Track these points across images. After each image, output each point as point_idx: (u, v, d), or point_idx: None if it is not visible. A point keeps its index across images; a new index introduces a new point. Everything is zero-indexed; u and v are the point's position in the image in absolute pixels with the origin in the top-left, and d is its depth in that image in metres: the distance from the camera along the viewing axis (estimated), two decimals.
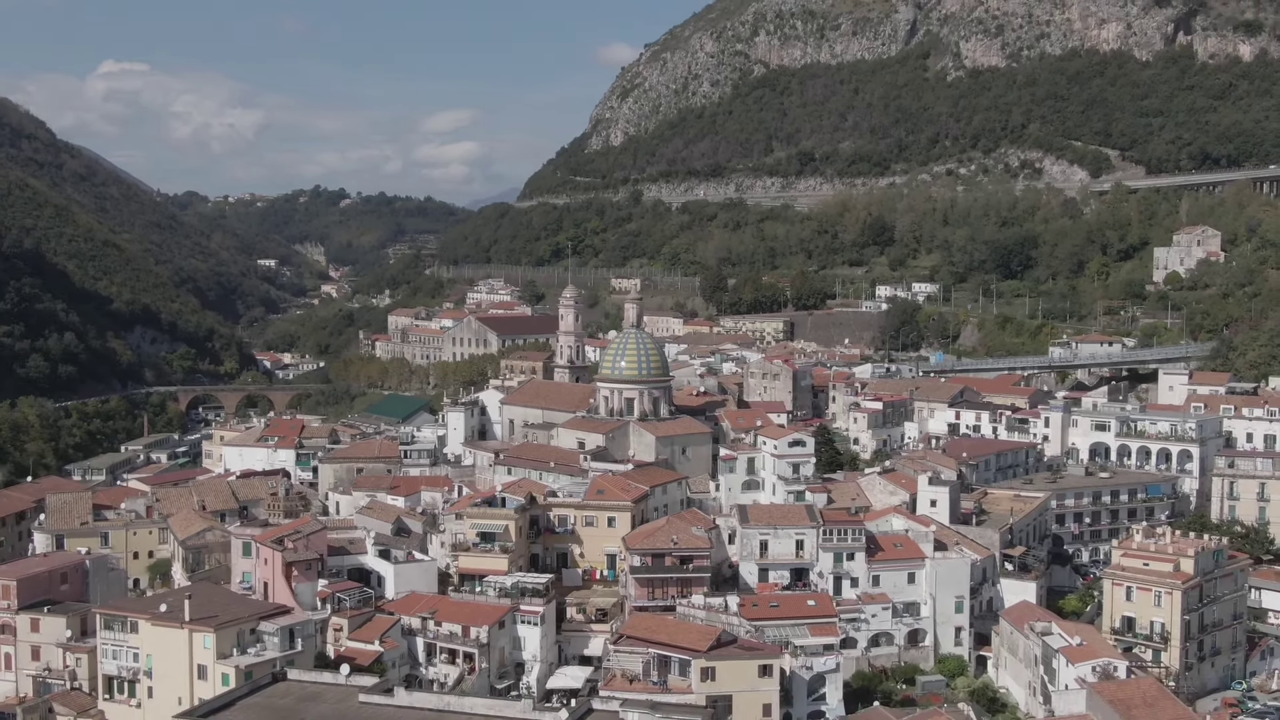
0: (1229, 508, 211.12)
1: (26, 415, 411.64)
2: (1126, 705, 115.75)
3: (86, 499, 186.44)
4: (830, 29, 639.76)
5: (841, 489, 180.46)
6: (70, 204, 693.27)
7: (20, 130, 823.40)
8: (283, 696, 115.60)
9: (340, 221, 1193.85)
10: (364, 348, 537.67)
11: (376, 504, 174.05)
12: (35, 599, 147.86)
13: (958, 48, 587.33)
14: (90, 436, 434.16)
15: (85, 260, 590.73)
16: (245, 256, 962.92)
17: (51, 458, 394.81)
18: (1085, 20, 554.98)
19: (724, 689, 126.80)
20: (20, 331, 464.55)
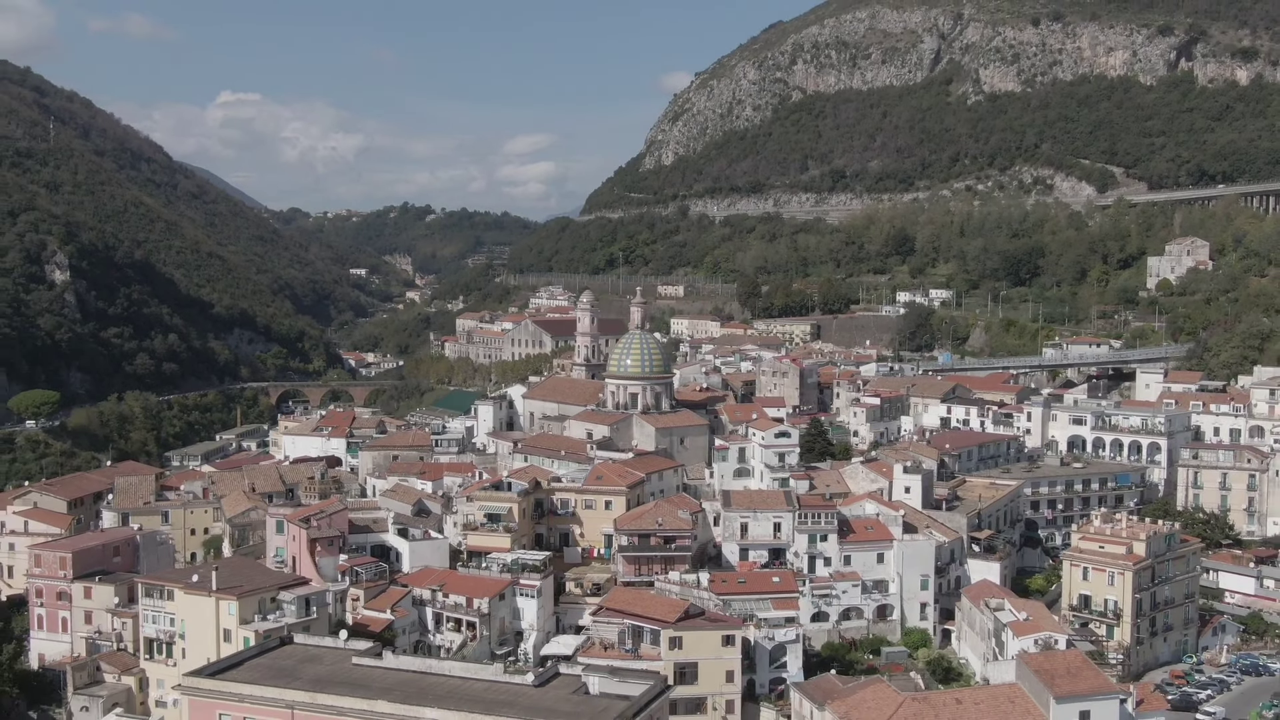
0: (1193, 496, 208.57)
1: (132, 407, 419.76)
2: (1050, 675, 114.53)
3: (150, 481, 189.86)
4: (861, 58, 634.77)
5: (823, 476, 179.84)
6: (181, 219, 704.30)
7: (140, 154, 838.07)
8: (287, 658, 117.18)
9: (426, 234, 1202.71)
10: (434, 348, 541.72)
11: (400, 487, 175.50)
12: (89, 569, 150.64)
13: (977, 74, 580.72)
14: (189, 427, 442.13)
15: (191, 269, 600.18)
16: (339, 266, 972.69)
17: (153, 445, 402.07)
18: (1094, 48, 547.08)
19: (690, 657, 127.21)
20: (129, 333, 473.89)
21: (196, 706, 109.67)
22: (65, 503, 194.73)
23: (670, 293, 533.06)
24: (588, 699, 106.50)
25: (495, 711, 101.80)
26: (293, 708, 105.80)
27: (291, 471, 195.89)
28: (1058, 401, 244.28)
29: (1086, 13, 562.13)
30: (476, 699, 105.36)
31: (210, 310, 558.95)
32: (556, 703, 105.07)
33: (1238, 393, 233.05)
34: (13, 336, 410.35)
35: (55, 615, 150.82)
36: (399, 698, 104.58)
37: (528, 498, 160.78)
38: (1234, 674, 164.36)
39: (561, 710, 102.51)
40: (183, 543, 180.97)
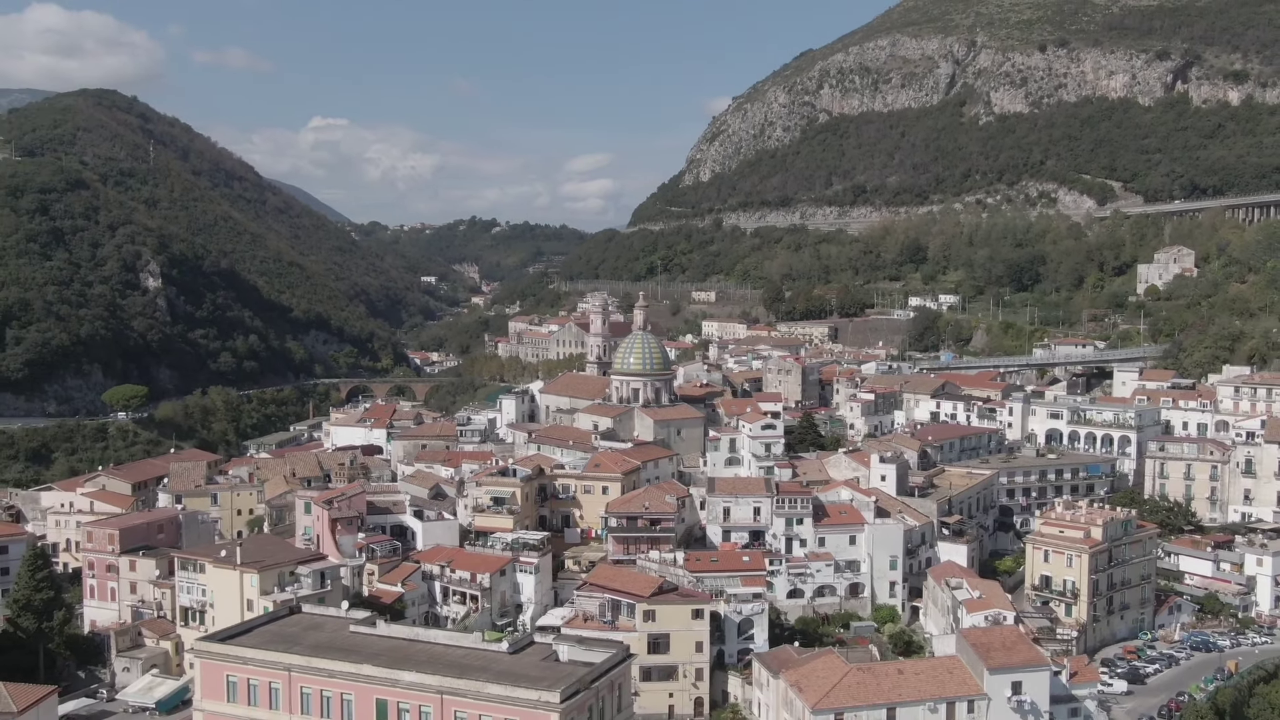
0: (1160, 485, 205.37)
1: (215, 401, 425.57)
2: (986, 648, 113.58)
3: (201, 467, 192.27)
4: (883, 82, 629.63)
5: (807, 465, 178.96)
6: (267, 232, 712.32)
7: (233, 173, 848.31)
8: (293, 625, 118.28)
9: (491, 245, 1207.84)
10: (489, 348, 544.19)
11: (420, 473, 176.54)
12: (135, 545, 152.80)
13: (989, 97, 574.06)
14: (266, 419, 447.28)
15: (273, 277, 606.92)
16: (411, 274, 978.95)
17: (233, 435, 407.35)
18: (1096, 72, 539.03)
19: (663, 628, 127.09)
20: (214, 334, 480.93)
21: (207, 668, 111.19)
22: (130, 485, 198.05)
23: (703, 298, 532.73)
24: (555, 665, 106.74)
25: (468, 675, 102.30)
26: (290, 670, 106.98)
27: (329, 458, 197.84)
28: (1038, 398, 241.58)
29: (1090, 39, 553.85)
30: (453, 664, 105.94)
31: (289, 314, 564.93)
32: (525, 668, 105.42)
33: (1206, 390, 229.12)
34: (109, 337, 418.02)
35: (105, 585, 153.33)
36: (384, 662, 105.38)
37: (531, 483, 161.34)
38: (1184, 650, 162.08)
39: (528, 674, 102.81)
40: (230, 522, 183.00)
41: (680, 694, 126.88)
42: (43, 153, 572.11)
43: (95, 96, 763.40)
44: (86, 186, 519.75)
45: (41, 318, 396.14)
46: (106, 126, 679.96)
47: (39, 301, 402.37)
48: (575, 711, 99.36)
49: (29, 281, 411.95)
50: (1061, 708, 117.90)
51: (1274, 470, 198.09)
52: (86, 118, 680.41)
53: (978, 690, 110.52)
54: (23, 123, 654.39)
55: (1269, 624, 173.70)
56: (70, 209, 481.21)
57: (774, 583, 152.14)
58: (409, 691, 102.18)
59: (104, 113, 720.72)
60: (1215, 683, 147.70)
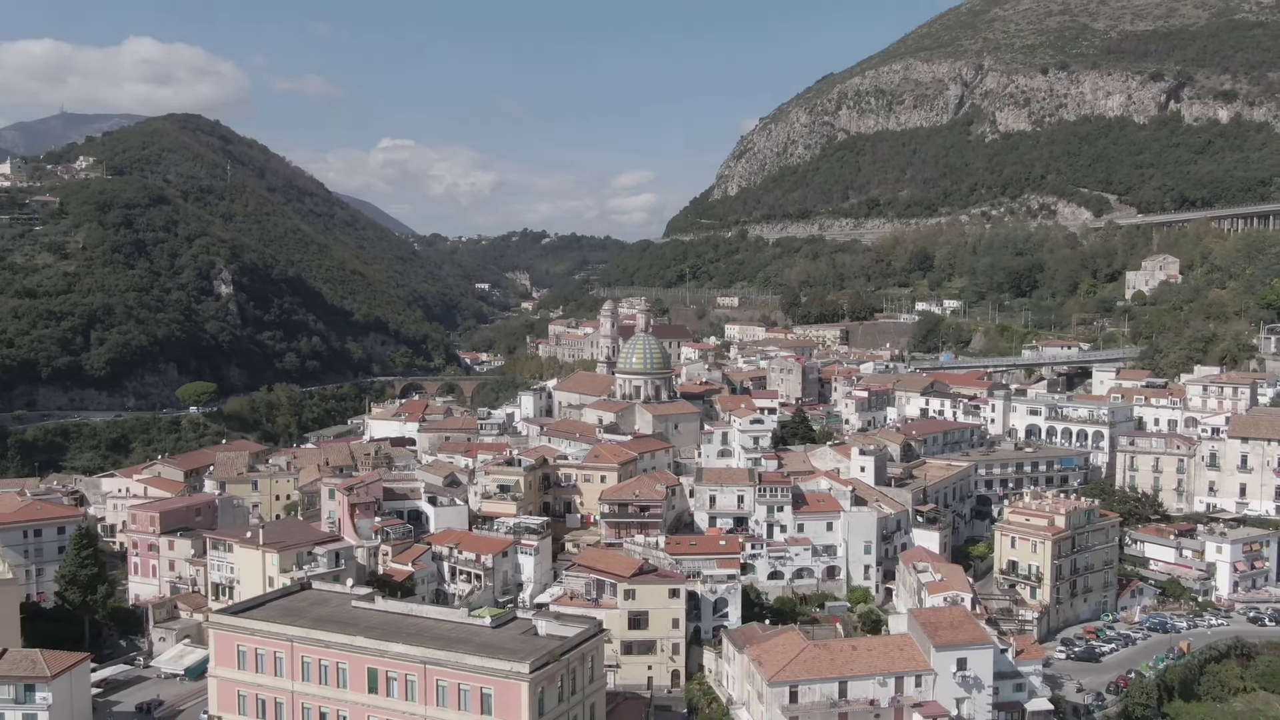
0: (1130, 477, 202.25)
1: (279, 397, 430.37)
2: (934, 627, 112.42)
3: (243, 457, 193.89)
4: (896, 104, 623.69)
5: (792, 457, 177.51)
6: (333, 243, 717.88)
7: (305, 190, 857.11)
8: (302, 600, 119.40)
9: (541, 255, 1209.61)
10: (530, 349, 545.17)
11: (437, 463, 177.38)
12: (174, 526, 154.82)
13: (994, 116, 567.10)
14: (326, 413, 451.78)
15: (337, 284, 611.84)
16: (466, 281, 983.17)
17: (295, 428, 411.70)
18: (1095, 93, 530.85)
19: (642, 606, 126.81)
20: (280, 335, 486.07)
21: (220, 638, 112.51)
22: (182, 473, 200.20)
23: (727, 303, 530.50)
24: (532, 638, 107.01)
25: (450, 647, 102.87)
26: (292, 641, 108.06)
27: (359, 449, 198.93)
28: (1021, 395, 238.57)
29: (1089, 62, 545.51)
30: (439, 636, 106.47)
31: (350, 317, 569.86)
32: (504, 640, 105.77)
33: (1177, 389, 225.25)
34: (183, 338, 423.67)
35: (147, 563, 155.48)
36: (376, 634, 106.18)
37: (534, 472, 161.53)
38: (1141, 631, 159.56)
39: (504, 647, 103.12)
40: (269, 506, 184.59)
41: (658, 666, 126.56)
42: (131, 172, 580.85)
43: (180, 120, 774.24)
44: (168, 202, 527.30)
45: (123, 321, 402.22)
46: (189, 148, 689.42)
47: (121, 306, 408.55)
48: (544, 681, 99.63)
49: (112, 288, 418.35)
50: (1007, 683, 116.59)
51: (1236, 464, 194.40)
52: (172, 140, 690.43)
53: (925, 666, 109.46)
54: (115, 145, 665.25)
55: (1227, 607, 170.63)
56: (152, 222, 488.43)
57: (755, 565, 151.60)
58: (396, 661, 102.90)
59: (188, 135, 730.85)
60: (1165, 661, 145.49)
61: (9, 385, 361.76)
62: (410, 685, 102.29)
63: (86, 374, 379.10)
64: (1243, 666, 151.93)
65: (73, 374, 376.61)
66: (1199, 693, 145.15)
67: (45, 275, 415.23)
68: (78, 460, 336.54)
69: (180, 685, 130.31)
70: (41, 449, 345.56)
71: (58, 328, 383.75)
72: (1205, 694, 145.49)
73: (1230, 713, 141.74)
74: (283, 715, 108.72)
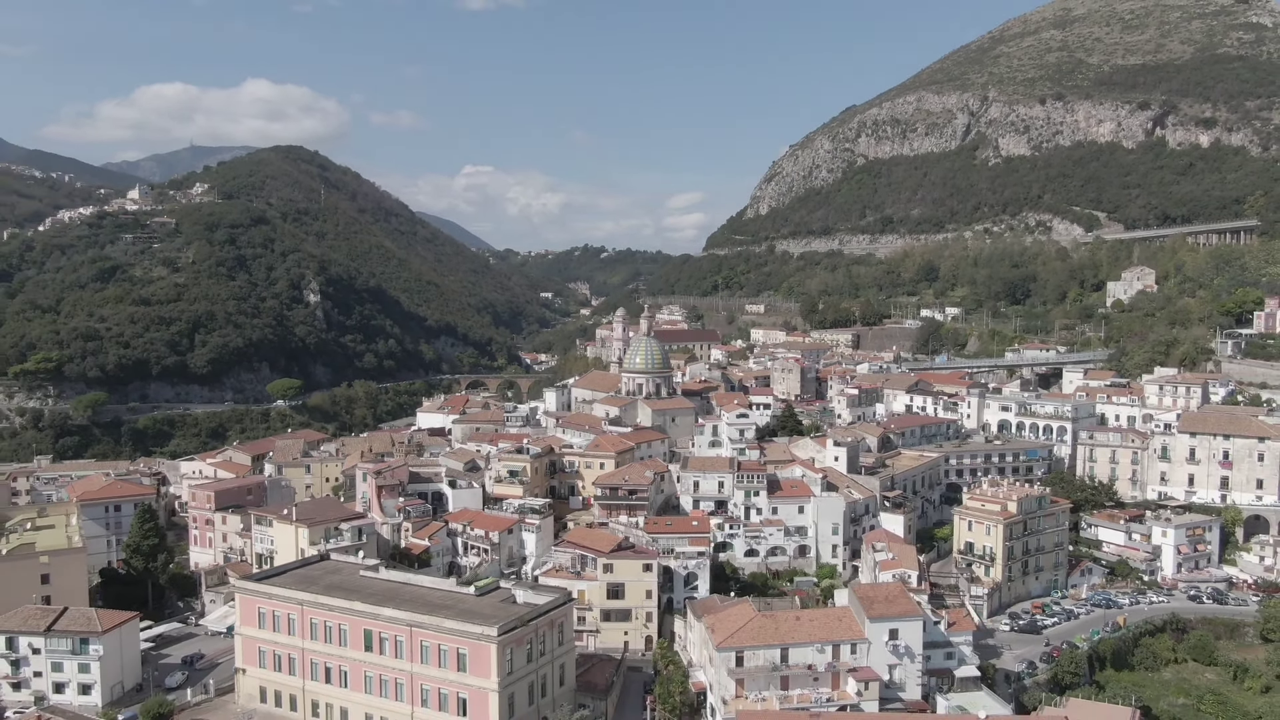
0: (1089, 468, 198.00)
1: (358, 392, 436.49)
2: (870, 601, 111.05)
3: (299, 444, 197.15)
4: (910, 132, 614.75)
5: (774, 448, 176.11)
6: (412, 257, 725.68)
7: (391, 211, 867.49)
8: (318, 570, 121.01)
9: (599, 268, 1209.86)
10: (580, 350, 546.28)
11: (460, 450, 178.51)
12: (227, 504, 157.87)
13: (997, 142, 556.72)
14: (399, 406, 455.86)
15: (413, 293, 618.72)
16: (532, 290, 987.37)
17: (371, 420, 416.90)
18: (1088, 121, 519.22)
19: (619, 579, 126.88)
20: (360, 338, 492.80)
21: (244, 601, 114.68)
22: (250, 458, 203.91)
23: (754, 310, 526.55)
24: (510, 606, 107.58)
25: (434, 612, 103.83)
26: (302, 605, 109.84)
27: (400, 436, 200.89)
28: (996, 393, 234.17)
29: (1083, 93, 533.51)
30: (427, 602, 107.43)
31: (424, 322, 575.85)
32: (483, 607, 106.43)
33: (1137, 387, 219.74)
34: (275, 340, 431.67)
35: (205, 535, 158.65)
36: (373, 600, 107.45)
37: (541, 459, 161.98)
38: (1085, 606, 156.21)
39: (481, 612, 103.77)
40: (320, 487, 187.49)
41: (634, 632, 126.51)
42: (238, 196, 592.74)
43: (284, 151, 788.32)
44: (267, 222, 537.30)
45: (223, 325, 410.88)
46: (290, 175, 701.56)
47: (222, 313, 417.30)
48: (513, 643, 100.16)
49: (215, 297, 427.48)
50: (939, 651, 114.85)
51: (1185, 456, 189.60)
52: (275, 168, 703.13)
53: (860, 635, 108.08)
54: (226, 173, 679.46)
55: (1170, 586, 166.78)
56: (252, 240, 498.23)
57: (733, 544, 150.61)
58: (387, 624, 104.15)
59: (290, 164, 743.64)
60: (1100, 634, 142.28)
61: (124, 381, 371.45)
62: (400, 645, 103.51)
63: (191, 371, 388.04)
64: (1176, 640, 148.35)
65: (179, 371, 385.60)
66: (1133, 663, 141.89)
67: (158, 286, 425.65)
68: (182, 446, 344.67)
69: (223, 641, 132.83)
70: (151, 436, 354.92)
71: (167, 331, 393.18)
72: (1139, 664, 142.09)
73: (1159, 681, 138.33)
74: (295, 669, 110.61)
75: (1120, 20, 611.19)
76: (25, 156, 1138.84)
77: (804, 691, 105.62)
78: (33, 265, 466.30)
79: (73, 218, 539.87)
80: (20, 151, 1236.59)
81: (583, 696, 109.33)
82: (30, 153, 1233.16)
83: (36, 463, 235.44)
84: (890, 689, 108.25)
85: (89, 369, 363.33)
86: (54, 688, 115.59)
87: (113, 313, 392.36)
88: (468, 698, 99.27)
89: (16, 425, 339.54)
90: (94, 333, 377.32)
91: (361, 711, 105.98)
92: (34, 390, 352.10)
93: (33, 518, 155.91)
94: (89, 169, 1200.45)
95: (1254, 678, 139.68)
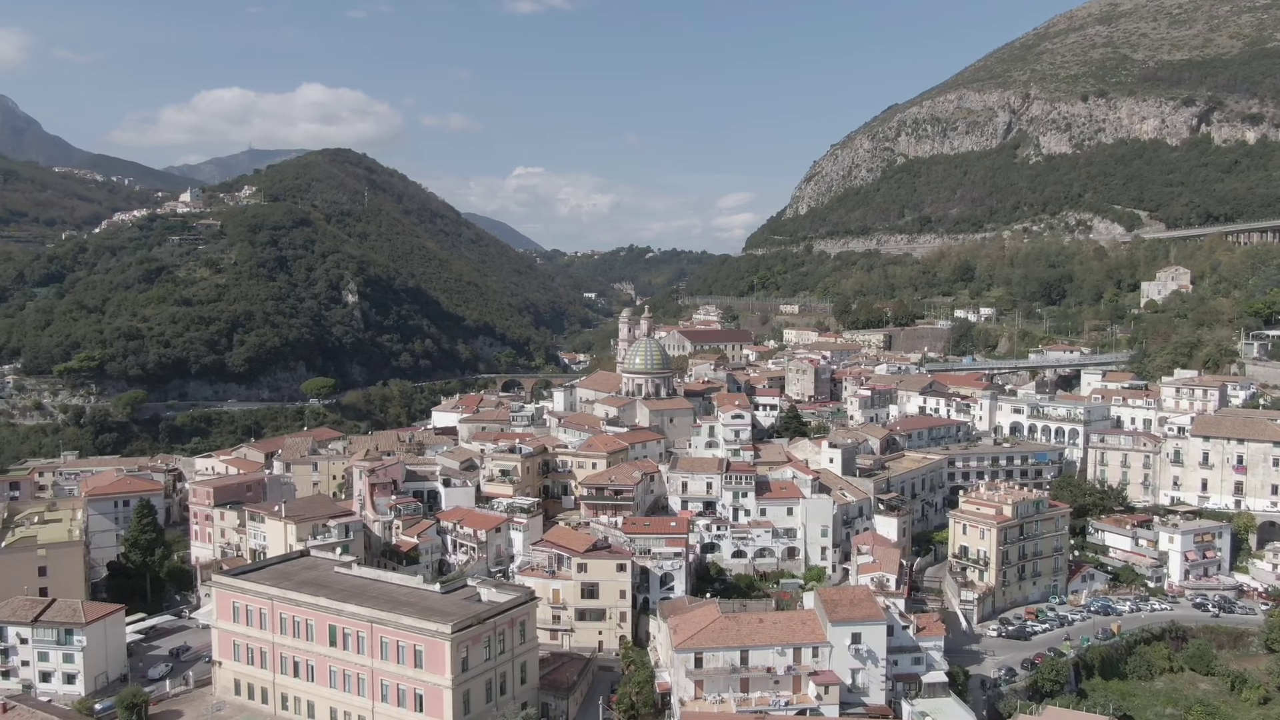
0: (1100, 471, 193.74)
1: (392, 391, 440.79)
2: (833, 604, 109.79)
3: (306, 442, 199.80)
4: (950, 130, 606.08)
5: (770, 449, 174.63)
6: (454, 258, 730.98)
7: (436, 212, 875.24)
8: (296, 566, 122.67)
9: (645, 268, 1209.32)
10: (613, 350, 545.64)
11: (458, 450, 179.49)
12: (227, 500, 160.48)
13: (1038, 141, 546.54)
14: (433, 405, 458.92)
15: (453, 293, 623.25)
16: (575, 291, 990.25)
17: (405, 418, 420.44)
18: (1131, 118, 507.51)
19: (593, 579, 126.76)
20: (397, 338, 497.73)
21: (220, 595, 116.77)
22: (264, 454, 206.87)
23: (788, 310, 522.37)
24: (472, 604, 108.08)
25: (397, 609, 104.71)
26: (272, 600, 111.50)
27: (406, 435, 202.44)
28: (1011, 395, 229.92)
29: (1125, 90, 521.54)
30: (391, 599, 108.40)
31: (462, 322, 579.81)
32: (445, 604, 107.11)
33: (1155, 390, 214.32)
34: (312, 340, 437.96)
35: (205, 530, 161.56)
36: (338, 596, 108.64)
37: (533, 459, 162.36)
38: (1082, 613, 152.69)
39: (441, 609, 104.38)
40: (327, 483, 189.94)
41: (608, 632, 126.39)
42: (284, 199, 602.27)
43: (332, 155, 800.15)
44: (309, 224, 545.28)
45: (260, 325, 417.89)
46: (335, 177, 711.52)
47: (260, 312, 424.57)
48: (468, 640, 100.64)
49: (254, 297, 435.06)
50: (906, 656, 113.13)
51: (1198, 460, 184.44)
52: (321, 171, 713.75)
53: (822, 639, 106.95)
54: (274, 175, 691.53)
55: (1176, 593, 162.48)
56: (293, 241, 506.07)
57: (720, 545, 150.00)
58: (349, 620, 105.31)
59: (336, 167, 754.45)
60: (1090, 641, 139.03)
61: (164, 379, 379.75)
62: (361, 641, 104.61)
63: (228, 370, 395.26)
64: (1175, 649, 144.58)
65: (217, 370, 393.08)
66: (1125, 671, 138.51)
67: (200, 286, 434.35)
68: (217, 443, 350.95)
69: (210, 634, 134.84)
70: (188, 433, 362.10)
71: (206, 330, 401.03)
72: (1131, 673, 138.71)
73: (1150, 690, 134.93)
74: (266, 662, 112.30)
75: (1168, 15, 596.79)
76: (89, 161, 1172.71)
77: (763, 694, 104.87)
78: (84, 266, 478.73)
79: (126, 220, 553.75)
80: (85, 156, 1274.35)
81: (546, 695, 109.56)
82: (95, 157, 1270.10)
83: (63, 458, 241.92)
84: (853, 693, 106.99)
85: (130, 367, 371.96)
86: (41, 676, 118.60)
87: (155, 313, 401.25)
88: (424, 694, 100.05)
89: (59, 421, 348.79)
90: (136, 332, 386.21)
91: (327, 705, 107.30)
92: (77, 388, 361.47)
93: (41, 512, 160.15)
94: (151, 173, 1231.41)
95: (1252, 688, 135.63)
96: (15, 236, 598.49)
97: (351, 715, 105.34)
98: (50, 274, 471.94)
